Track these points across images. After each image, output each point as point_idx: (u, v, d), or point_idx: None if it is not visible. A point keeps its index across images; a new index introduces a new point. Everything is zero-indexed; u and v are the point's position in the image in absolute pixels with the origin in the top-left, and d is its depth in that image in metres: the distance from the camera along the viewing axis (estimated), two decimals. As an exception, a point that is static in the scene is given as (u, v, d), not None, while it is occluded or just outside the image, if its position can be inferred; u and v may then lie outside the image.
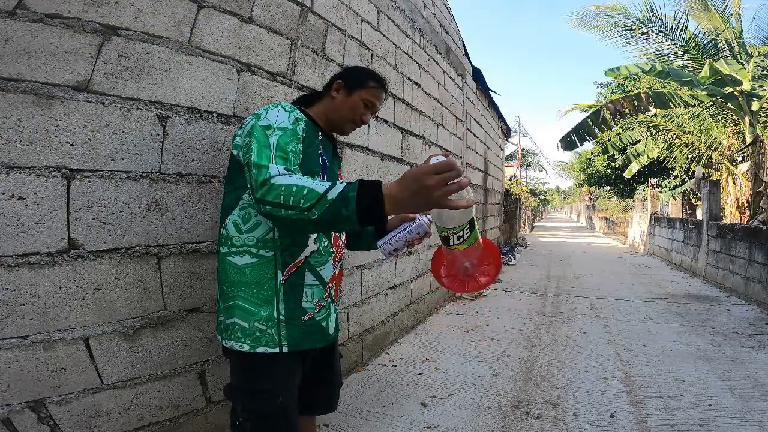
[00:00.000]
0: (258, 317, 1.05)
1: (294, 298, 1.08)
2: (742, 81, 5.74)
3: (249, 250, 1.07)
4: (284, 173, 0.89)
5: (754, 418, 2.01)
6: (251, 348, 1.05)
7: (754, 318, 3.94)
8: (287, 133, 1.00)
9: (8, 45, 1.08)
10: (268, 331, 1.06)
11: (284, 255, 1.07)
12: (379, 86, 1.25)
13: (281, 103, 1.09)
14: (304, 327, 1.09)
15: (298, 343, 1.08)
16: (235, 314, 1.07)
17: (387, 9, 2.93)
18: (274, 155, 0.94)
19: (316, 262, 1.12)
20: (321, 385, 1.30)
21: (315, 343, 1.13)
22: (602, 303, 4.54)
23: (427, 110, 3.66)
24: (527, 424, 1.99)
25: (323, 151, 1.18)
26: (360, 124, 1.25)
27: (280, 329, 1.06)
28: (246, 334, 1.05)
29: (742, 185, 6.83)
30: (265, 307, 1.06)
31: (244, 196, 1.08)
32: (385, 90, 1.27)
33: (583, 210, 28.67)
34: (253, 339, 1.05)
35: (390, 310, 3.05)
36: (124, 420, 1.32)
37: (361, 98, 1.21)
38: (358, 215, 0.79)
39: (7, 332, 1.10)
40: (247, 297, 1.06)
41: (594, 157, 17.24)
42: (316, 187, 0.82)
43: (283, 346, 1.06)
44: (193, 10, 1.47)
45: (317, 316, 1.12)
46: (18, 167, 1.10)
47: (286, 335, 1.07)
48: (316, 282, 1.12)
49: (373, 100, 1.23)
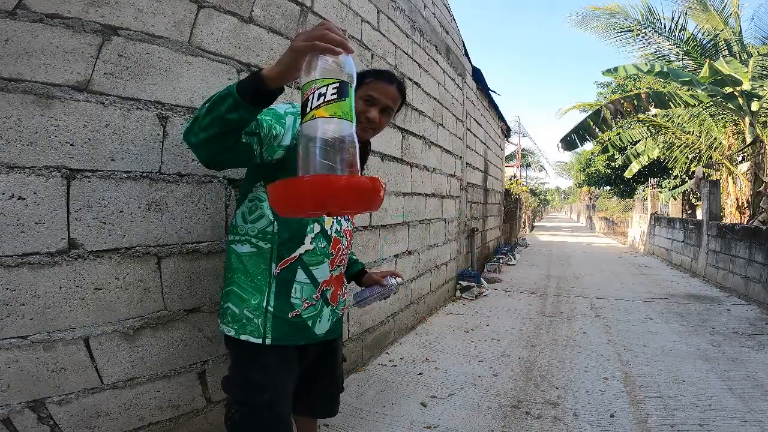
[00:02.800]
0: (248, 305, 1.10)
1: (284, 291, 1.11)
2: (742, 81, 5.75)
3: (250, 240, 1.12)
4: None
5: (754, 418, 2.01)
6: (236, 333, 1.10)
7: (754, 318, 3.94)
8: (269, 112, 1.03)
9: (8, 45, 1.08)
10: (254, 320, 1.09)
11: (280, 249, 1.11)
12: (376, 78, 1.17)
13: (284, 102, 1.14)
14: (290, 323, 1.12)
15: (282, 338, 1.11)
16: (230, 300, 1.13)
17: (387, 9, 2.93)
18: None
19: (310, 261, 1.14)
20: (318, 386, 1.30)
21: (299, 340, 1.15)
22: (602, 303, 4.54)
23: (426, 110, 3.66)
24: (527, 424, 1.99)
25: None
26: (366, 123, 1.16)
27: (266, 320, 1.09)
28: (235, 320, 1.11)
29: (742, 185, 6.83)
30: (256, 296, 1.10)
31: (254, 188, 1.13)
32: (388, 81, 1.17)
33: (583, 210, 28.68)
34: (239, 325, 1.10)
35: (390, 310, 3.05)
36: (124, 420, 1.32)
37: (359, 95, 1.15)
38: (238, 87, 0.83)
39: (7, 332, 1.10)
40: (242, 284, 1.11)
41: (594, 157, 17.25)
42: (212, 96, 0.88)
43: (266, 338, 1.09)
44: (193, 10, 1.47)
45: (304, 313, 1.14)
46: (18, 167, 1.10)
47: (272, 327, 1.09)
48: (308, 280, 1.14)
49: (372, 93, 1.15)
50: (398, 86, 1.19)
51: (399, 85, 1.19)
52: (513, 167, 21.22)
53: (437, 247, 4.03)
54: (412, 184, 3.35)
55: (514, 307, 4.33)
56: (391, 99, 1.18)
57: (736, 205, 6.94)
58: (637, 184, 15.58)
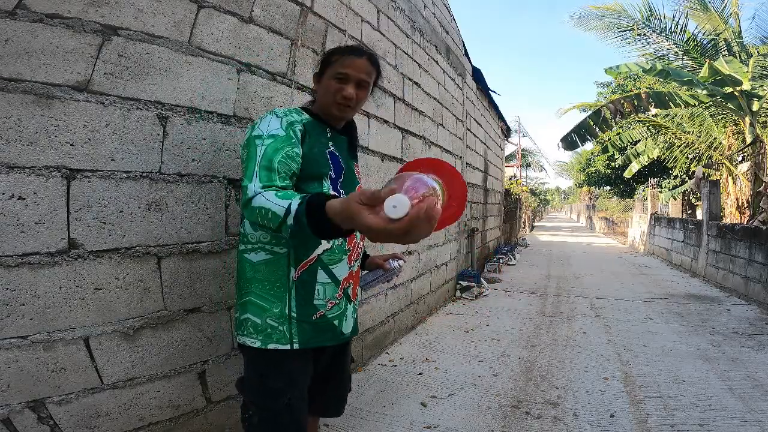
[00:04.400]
0: (270, 313, 1.07)
1: (306, 295, 1.09)
2: (742, 81, 5.75)
3: (263, 247, 1.09)
4: (259, 193, 0.93)
5: (754, 418, 2.01)
6: (263, 344, 1.06)
7: (754, 318, 3.94)
8: (278, 140, 1.02)
9: (8, 45, 1.08)
10: (279, 327, 1.07)
11: (298, 251, 1.08)
12: (344, 54, 1.12)
13: (275, 110, 1.10)
14: (314, 324, 1.10)
15: (308, 341, 1.09)
16: (249, 310, 1.09)
17: (387, 9, 2.93)
18: (257, 170, 0.98)
19: (329, 260, 1.12)
20: (330, 386, 1.29)
21: (325, 340, 1.13)
22: (602, 303, 4.54)
23: (427, 110, 3.66)
24: (527, 424, 1.99)
25: (335, 148, 1.17)
26: (343, 101, 1.12)
27: (291, 326, 1.07)
28: (258, 330, 1.07)
29: (742, 185, 6.83)
30: (277, 304, 1.07)
31: None
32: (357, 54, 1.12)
33: (583, 210, 28.68)
34: (264, 335, 1.07)
35: (390, 310, 3.05)
36: (124, 420, 1.32)
37: (331, 76, 1.12)
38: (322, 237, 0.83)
39: (7, 332, 1.10)
40: (260, 293, 1.08)
41: (594, 157, 17.23)
42: (277, 209, 0.86)
43: (294, 343, 1.07)
44: (193, 10, 1.47)
45: (329, 313, 1.12)
46: (18, 167, 1.10)
47: (297, 332, 1.07)
48: (329, 280, 1.12)
49: (342, 69, 1.10)
50: (369, 58, 1.14)
51: (370, 57, 1.14)
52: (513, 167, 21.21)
53: (437, 247, 4.03)
54: (412, 184, 3.34)
55: (514, 307, 4.33)
56: (365, 72, 1.13)
57: (736, 205, 6.94)
58: (637, 184, 15.57)
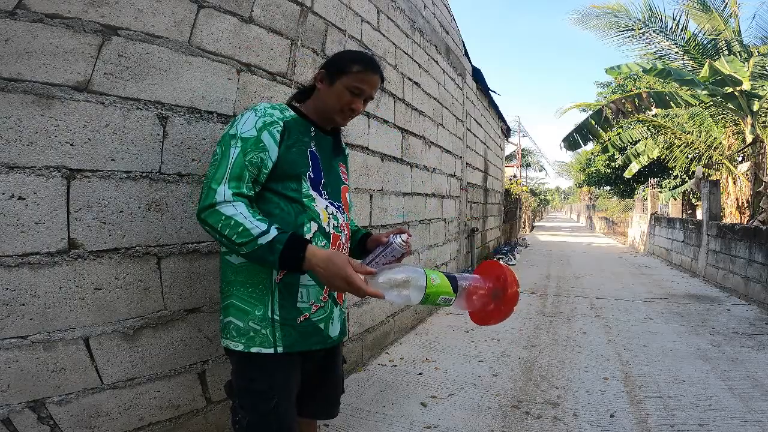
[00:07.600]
0: (252, 317, 1.05)
1: (289, 298, 1.07)
2: (742, 81, 5.74)
3: None
4: (229, 201, 0.96)
5: (754, 418, 2.01)
6: (245, 347, 1.05)
7: (754, 318, 3.94)
8: (248, 142, 1.02)
9: (8, 45, 1.08)
10: (262, 331, 1.05)
11: None
12: (365, 68, 1.11)
13: (257, 106, 1.09)
14: (299, 328, 1.08)
15: (292, 344, 1.07)
16: (231, 313, 1.07)
17: (387, 9, 2.93)
18: (227, 175, 0.99)
19: None
20: (322, 389, 1.28)
21: (311, 344, 1.11)
22: (602, 303, 4.54)
23: (427, 110, 3.66)
24: (527, 424, 1.99)
25: (317, 148, 1.15)
26: (349, 113, 1.14)
27: (274, 329, 1.06)
28: (240, 333, 1.05)
29: (742, 185, 6.83)
30: (260, 307, 1.06)
31: None
32: (375, 71, 1.14)
33: (583, 210, 28.68)
34: (247, 338, 1.05)
35: (390, 310, 3.05)
36: (124, 420, 1.32)
37: (346, 86, 1.10)
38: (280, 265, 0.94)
39: (7, 332, 1.10)
40: (242, 296, 1.06)
41: (594, 156, 17.23)
42: (251, 227, 0.92)
43: (277, 346, 1.05)
44: (193, 10, 1.47)
45: (313, 317, 1.11)
46: (18, 167, 1.10)
47: (281, 335, 1.06)
48: (312, 282, 1.10)
49: (359, 85, 1.10)
50: (380, 74, 1.17)
51: (381, 73, 1.17)
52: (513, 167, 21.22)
53: (437, 247, 4.03)
54: (412, 184, 3.35)
55: (514, 307, 4.32)
56: (376, 88, 1.17)
57: (736, 205, 6.94)
58: (637, 184, 15.57)
